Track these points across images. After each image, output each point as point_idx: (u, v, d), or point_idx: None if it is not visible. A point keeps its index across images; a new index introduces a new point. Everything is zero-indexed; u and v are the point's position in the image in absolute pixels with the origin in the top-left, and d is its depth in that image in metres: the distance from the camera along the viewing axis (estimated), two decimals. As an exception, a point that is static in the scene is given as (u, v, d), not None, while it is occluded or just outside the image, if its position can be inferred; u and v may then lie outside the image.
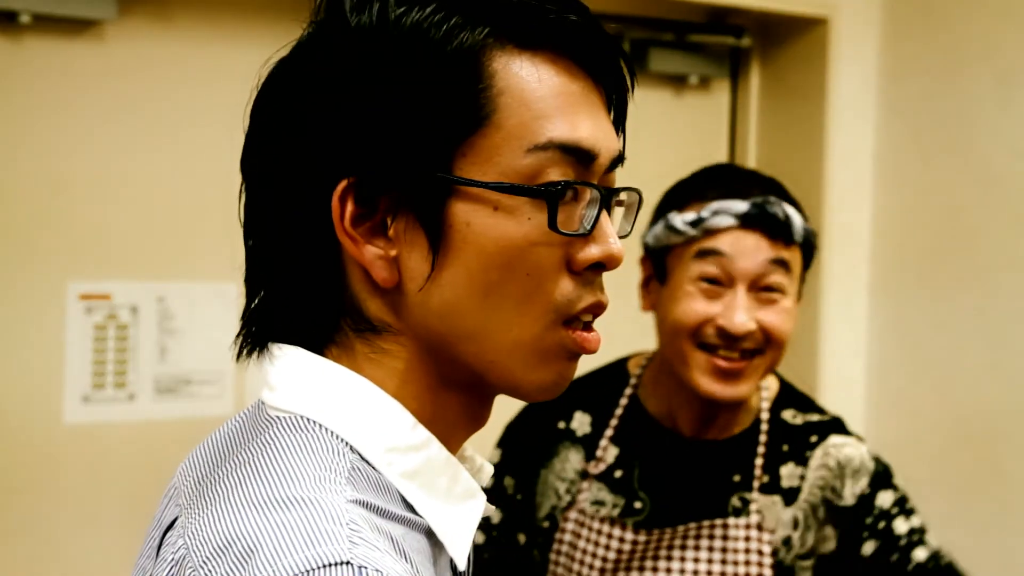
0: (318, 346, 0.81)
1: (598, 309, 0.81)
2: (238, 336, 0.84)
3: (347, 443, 0.76)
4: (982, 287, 2.50)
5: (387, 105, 0.76)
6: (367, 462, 0.76)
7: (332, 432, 0.77)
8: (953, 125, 2.56)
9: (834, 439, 1.60)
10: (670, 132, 2.74)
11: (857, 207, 2.70)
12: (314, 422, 0.77)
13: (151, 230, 2.22)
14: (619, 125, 0.84)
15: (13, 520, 2.15)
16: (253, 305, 0.84)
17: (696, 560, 1.53)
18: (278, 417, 0.79)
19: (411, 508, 0.77)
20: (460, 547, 0.79)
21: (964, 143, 2.54)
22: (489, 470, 0.87)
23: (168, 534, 0.80)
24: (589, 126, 0.79)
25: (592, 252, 0.79)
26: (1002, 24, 2.48)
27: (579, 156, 0.78)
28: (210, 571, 0.70)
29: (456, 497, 0.80)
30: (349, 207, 0.77)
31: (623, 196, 0.84)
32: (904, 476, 2.74)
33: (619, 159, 0.82)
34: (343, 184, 0.76)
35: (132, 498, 2.18)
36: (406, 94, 0.76)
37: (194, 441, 0.91)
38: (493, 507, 0.85)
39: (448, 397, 0.81)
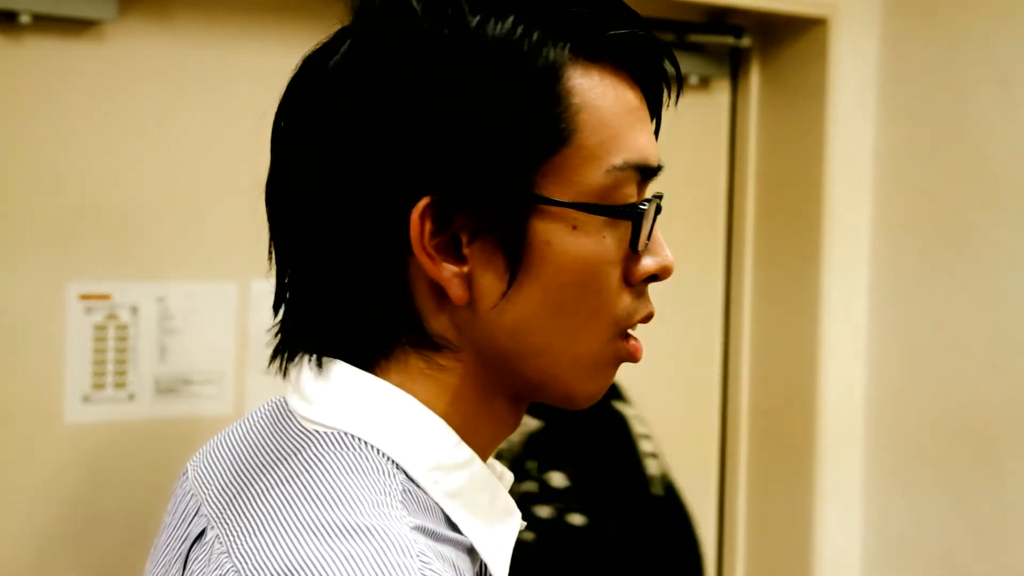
0: (367, 359, 0.78)
1: (648, 319, 0.84)
2: (275, 344, 0.82)
3: (394, 462, 0.75)
4: (983, 287, 2.50)
5: (472, 122, 0.74)
6: (413, 481, 0.75)
7: (378, 450, 0.75)
8: (953, 125, 2.56)
9: None
10: (670, 132, 2.73)
11: (857, 207, 2.70)
12: (359, 439, 0.75)
13: (151, 230, 2.22)
14: (656, 133, 0.86)
15: (14, 519, 2.15)
16: (291, 312, 0.81)
17: None
18: (317, 432, 0.76)
19: (454, 527, 0.76)
20: (501, 564, 0.79)
21: (964, 143, 2.54)
22: (510, 477, 0.87)
23: (196, 547, 0.78)
24: (648, 141, 0.80)
25: (649, 265, 0.81)
26: (1002, 24, 2.48)
27: (646, 173, 0.79)
28: None
29: (496, 514, 0.79)
30: (427, 225, 0.75)
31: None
32: (904, 475, 2.74)
33: (659, 168, 0.83)
34: (425, 201, 0.74)
35: (131, 498, 2.19)
36: (491, 111, 0.74)
37: (194, 440, 0.90)
38: (526, 523, 0.85)
39: (493, 409, 0.81)
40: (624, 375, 2.72)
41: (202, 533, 0.78)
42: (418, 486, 0.75)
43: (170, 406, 2.19)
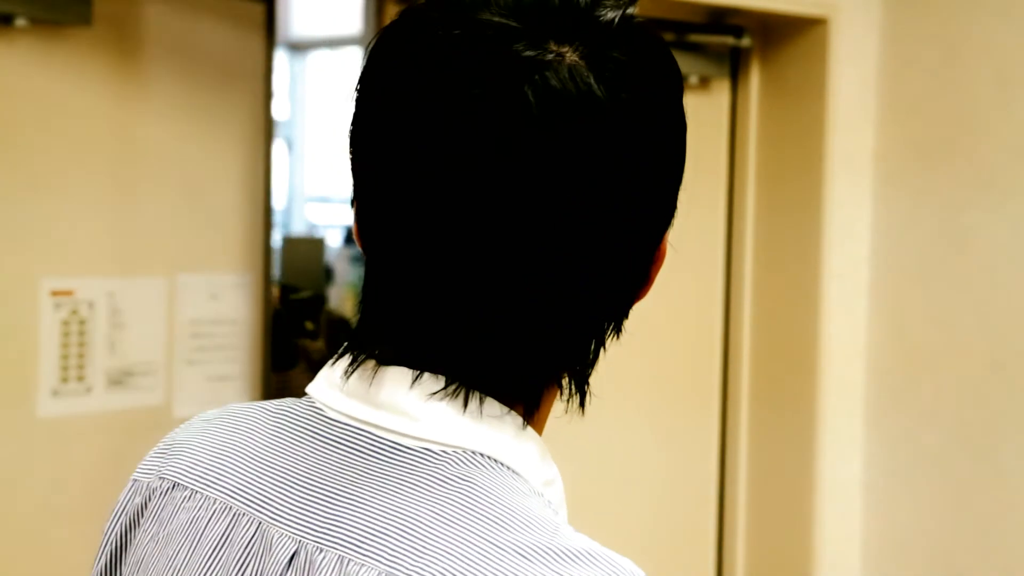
0: (516, 381, 0.77)
1: None
2: (349, 346, 0.79)
3: (523, 479, 0.75)
4: (982, 286, 2.50)
5: (683, 161, 0.81)
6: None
7: (506, 467, 0.75)
8: (953, 125, 2.56)
9: None
10: (670, 132, 2.73)
11: (857, 207, 2.70)
12: (487, 456, 0.75)
13: (104, 226, 2.26)
14: None
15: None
16: (397, 322, 0.77)
17: None
18: (428, 450, 0.74)
19: None
20: None
21: (964, 143, 2.54)
22: None
23: (291, 572, 0.73)
24: None
25: None
26: (1002, 24, 2.48)
27: None
28: None
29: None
30: None
31: None
32: (904, 476, 2.74)
33: None
34: (668, 233, 0.80)
35: (94, 490, 2.23)
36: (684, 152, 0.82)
37: (138, 432, 0.88)
38: None
39: None
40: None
41: (294, 555, 0.74)
42: None
43: (119, 398, 2.25)
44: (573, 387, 0.79)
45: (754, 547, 2.80)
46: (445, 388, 0.75)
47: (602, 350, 0.79)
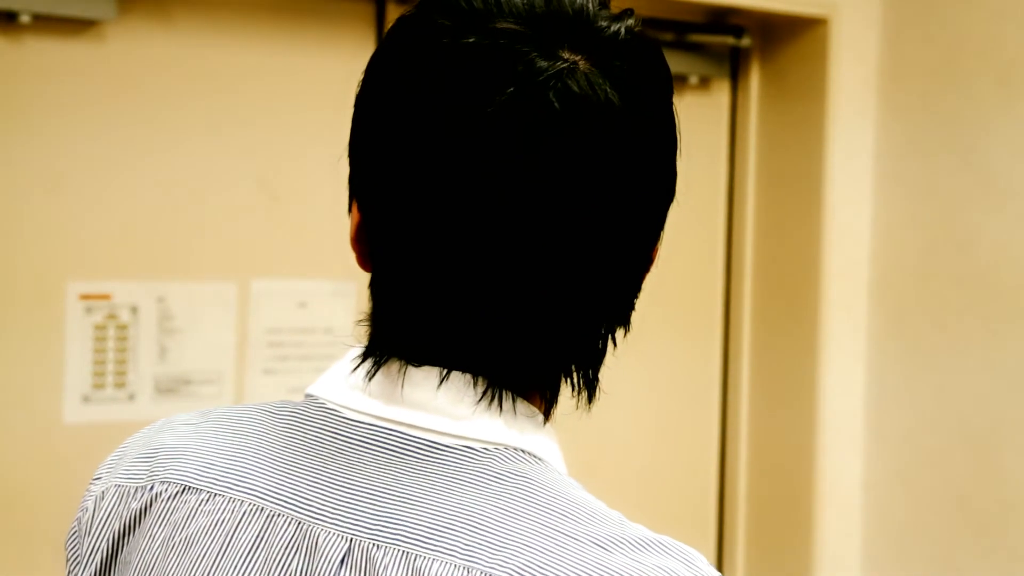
0: (536, 376, 0.79)
1: None
2: (371, 347, 0.79)
3: (563, 474, 0.78)
4: (982, 287, 2.50)
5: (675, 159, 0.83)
6: None
7: (548, 463, 0.77)
8: (953, 125, 2.56)
9: None
10: (670, 132, 2.72)
11: (857, 207, 2.70)
12: (528, 452, 0.77)
13: (151, 229, 2.22)
14: None
15: (13, 520, 2.15)
16: (424, 321, 0.78)
17: None
18: (469, 448, 0.76)
19: None
20: None
21: (964, 143, 2.54)
22: None
23: (346, 570, 0.73)
24: None
25: None
26: (1002, 24, 2.48)
27: None
28: None
29: None
30: None
31: None
32: (904, 477, 2.74)
33: None
34: (661, 235, 0.82)
35: None
36: None
37: None
38: None
39: None
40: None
41: (345, 557, 0.74)
42: None
43: (170, 406, 2.19)
44: (582, 383, 0.80)
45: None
46: (479, 387, 0.76)
47: (611, 344, 0.81)
